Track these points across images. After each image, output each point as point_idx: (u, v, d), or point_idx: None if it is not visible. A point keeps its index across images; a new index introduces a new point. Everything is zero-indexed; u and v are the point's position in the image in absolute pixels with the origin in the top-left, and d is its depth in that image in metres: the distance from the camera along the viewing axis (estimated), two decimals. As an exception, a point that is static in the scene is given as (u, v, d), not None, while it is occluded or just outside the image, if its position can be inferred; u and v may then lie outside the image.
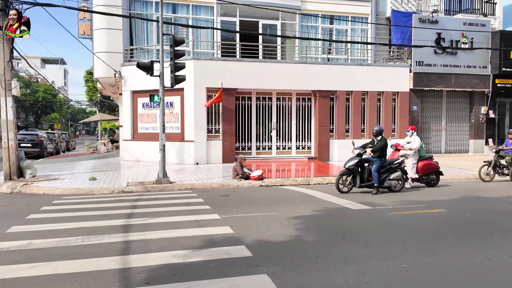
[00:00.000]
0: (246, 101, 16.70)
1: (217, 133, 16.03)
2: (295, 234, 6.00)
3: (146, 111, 16.96)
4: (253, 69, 16.06)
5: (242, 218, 7.05)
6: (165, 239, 5.76)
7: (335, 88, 16.94)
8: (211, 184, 11.15)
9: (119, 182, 11.47)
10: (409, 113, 17.97)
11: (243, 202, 8.78)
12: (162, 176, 11.24)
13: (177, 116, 16.20)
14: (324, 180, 11.85)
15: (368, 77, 17.23)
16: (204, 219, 7.04)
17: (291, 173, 13.85)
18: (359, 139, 16.74)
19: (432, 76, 18.04)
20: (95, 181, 11.60)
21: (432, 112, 18.97)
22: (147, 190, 10.66)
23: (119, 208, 8.09)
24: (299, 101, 17.29)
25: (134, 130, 17.34)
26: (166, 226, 6.46)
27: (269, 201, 8.82)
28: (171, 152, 15.96)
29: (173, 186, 10.94)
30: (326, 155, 16.88)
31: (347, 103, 17.33)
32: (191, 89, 15.53)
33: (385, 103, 17.61)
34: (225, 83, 15.60)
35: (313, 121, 17.24)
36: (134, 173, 13.26)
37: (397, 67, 17.80)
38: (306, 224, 6.60)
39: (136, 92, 17.08)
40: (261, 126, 16.93)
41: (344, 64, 17.60)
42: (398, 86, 17.69)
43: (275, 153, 17.04)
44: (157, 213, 7.53)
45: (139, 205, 8.47)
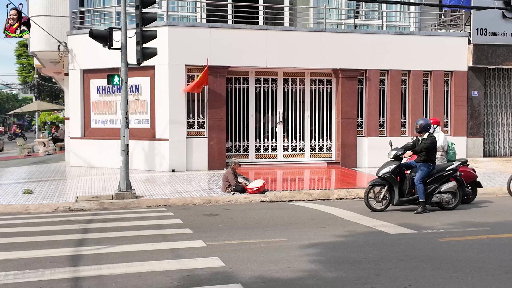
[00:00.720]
0: (241, 84, 16.70)
1: (201, 128, 16.03)
2: (310, 268, 5.98)
3: (102, 98, 16.94)
4: (252, 39, 16.04)
5: (236, 246, 7.02)
6: (129, 275, 5.72)
7: (365, 66, 16.95)
8: (192, 199, 11.14)
9: (64, 196, 11.44)
10: (468, 101, 17.98)
11: (238, 224, 8.74)
12: (124, 189, 11.22)
13: (146, 105, 16.18)
14: (349, 193, 11.86)
15: (411, 51, 17.24)
16: (183, 247, 7.01)
17: (304, 184, 13.87)
18: (399, 136, 16.75)
19: (499, 49, 18.05)
20: (31, 195, 11.55)
21: (498, 100, 18.97)
22: (103, 207, 10.64)
23: (65, 233, 8.02)
24: (314, 84, 17.29)
25: (86, 124, 17.31)
26: (130, 258, 6.43)
27: (274, 223, 8.79)
28: (138, 155, 15.94)
29: (140, 202, 10.92)
30: (352, 159, 16.89)
31: (382, 87, 17.33)
32: (165, 67, 15.52)
33: (434, 87, 17.61)
34: (212, 59, 15.59)
35: (334, 112, 17.24)
36: (86, 184, 13.23)
37: (450, 36, 17.81)
38: (326, 255, 6.58)
39: (88, 72, 17.05)
40: (262, 119, 16.92)
41: (377, 33, 17.57)
42: (452, 63, 17.69)
43: (282, 157, 17.05)
44: (117, 239, 7.48)
45: (92, 228, 8.43)
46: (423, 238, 7.65)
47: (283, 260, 6.30)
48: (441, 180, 10.03)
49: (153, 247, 7.01)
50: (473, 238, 7.62)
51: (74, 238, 7.64)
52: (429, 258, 6.43)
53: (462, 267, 6.04)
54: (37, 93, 41.43)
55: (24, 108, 39.84)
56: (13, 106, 73.76)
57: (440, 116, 17.57)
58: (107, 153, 16.34)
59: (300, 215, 9.60)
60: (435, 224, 8.65)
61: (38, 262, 6.24)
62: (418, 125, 10.11)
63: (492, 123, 18.98)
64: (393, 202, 9.89)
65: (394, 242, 7.33)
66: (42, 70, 23.62)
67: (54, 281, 5.53)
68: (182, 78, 15.62)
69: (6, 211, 10.21)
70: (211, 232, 8.02)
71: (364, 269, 5.96)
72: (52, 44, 17.23)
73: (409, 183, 9.95)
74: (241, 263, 6.15)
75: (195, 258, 6.39)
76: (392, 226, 8.46)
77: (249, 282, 5.44)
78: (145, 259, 6.35)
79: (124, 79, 11.41)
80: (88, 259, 6.41)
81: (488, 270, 5.93)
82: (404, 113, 17.54)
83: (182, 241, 7.37)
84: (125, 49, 11.37)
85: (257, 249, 6.88)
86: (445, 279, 5.60)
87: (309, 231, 8.05)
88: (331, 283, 5.45)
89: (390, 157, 10.02)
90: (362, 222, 8.76)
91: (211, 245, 7.11)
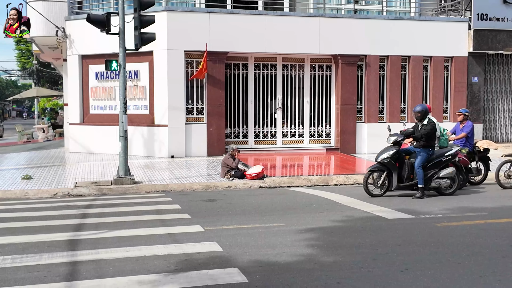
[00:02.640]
0: (240, 70, 16.64)
1: (200, 114, 16.00)
2: (307, 252, 6.01)
3: (100, 83, 16.89)
4: (251, 24, 15.96)
5: (234, 231, 7.05)
6: (126, 259, 5.75)
7: (365, 51, 16.88)
8: (191, 184, 11.16)
9: (63, 182, 11.47)
10: (467, 86, 17.93)
11: (236, 209, 8.78)
12: (123, 174, 11.24)
13: (145, 91, 16.15)
14: (348, 179, 11.88)
15: (411, 37, 17.16)
16: (181, 232, 7.05)
17: (303, 170, 13.88)
18: (398, 122, 16.71)
19: (500, 34, 17.96)
20: (30, 180, 11.57)
21: (498, 86, 18.92)
22: (102, 193, 10.67)
23: (63, 217, 8.05)
24: (314, 69, 17.23)
25: (84, 110, 17.28)
26: (128, 242, 6.46)
27: (272, 208, 8.83)
28: (137, 141, 15.94)
29: (139, 187, 10.95)
30: (351, 145, 16.89)
31: (381, 73, 17.28)
32: (164, 53, 15.46)
33: (434, 72, 17.56)
34: (211, 45, 15.52)
35: (333, 98, 17.21)
36: (85, 169, 13.25)
37: (451, 22, 17.71)
38: (323, 240, 6.61)
39: (86, 57, 16.98)
40: (261, 105, 16.89)
41: (377, 18, 17.47)
42: (453, 49, 17.62)
43: (281, 143, 17.04)
44: (116, 224, 7.52)
45: (91, 214, 8.46)
46: (421, 223, 7.69)
47: (281, 245, 6.33)
48: (440, 165, 10.04)
49: (151, 231, 7.05)
50: (470, 223, 7.65)
51: (72, 223, 7.67)
52: (427, 243, 6.46)
53: (459, 252, 6.06)
54: (36, 79, 41.31)
55: (23, 94, 39.71)
56: (12, 93, 73.58)
57: (440, 102, 17.54)
58: (106, 139, 16.32)
59: (298, 201, 9.63)
60: (433, 209, 8.68)
61: (36, 247, 6.27)
62: (415, 112, 10.10)
63: (492, 109, 18.94)
64: (391, 187, 9.91)
65: (392, 227, 7.36)
66: (41, 56, 23.53)
67: (51, 265, 5.56)
68: (181, 63, 15.55)
69: (5, 197, 10.24)
70: (209, 217, 8.05)
71: (361, 253, 5.98)
72: (50, 30, 17.15)
73: (408, 169, 9.96)
74: (239, 248, 6.18)
75: (193, 243, 6.42)
76: (390, 211, 8.49)
77: (246, 266, 5.47)
78: (143, 244, 6.38)
79: (122, 65, 11.36)
80: (86, 244, 6.44)
81: (485, 255, 5.96)
82: (404, 99, 17.49)
83: (180, 226, 7.40)
84: (123, 34, 11.31)
85: (254, 234, 6.91)
86: (442, 263, 5.62)
87: (307, 216, 8.08)
88: (328, 267, 5.47)
89: (389, 143, 10.01)
90: (360, 208, 8.78)
91: (209, 230, 7.14)
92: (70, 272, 5.33)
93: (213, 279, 5.07)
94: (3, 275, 5.26)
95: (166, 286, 4.89)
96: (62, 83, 29.14)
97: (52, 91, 39.08)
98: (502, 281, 5.07)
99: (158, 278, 5.12)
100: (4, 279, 5.13)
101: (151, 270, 5.36)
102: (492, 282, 5.04)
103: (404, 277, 5.17)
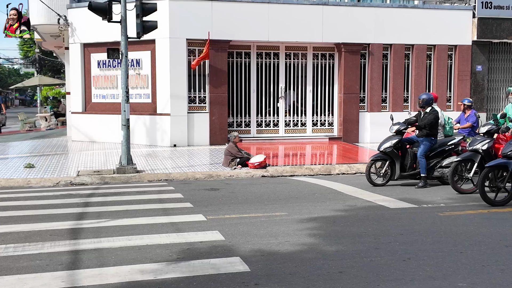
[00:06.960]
0: (242, 59, 16.58)
1: (202, 103, 15.97)
2: (309, 242, 6.01)
3: (103, 72, 16.85)
4: (253, 12, 15.87)
5: (236, 220, 7.06)
6: (128, 248, 5.77)
7: (368, 40, 16.78)
8: (193, 173, 11.17)
9: (66, 170, 11.49)
10: (471, 75, 17.84)
11: (239, 198, 8.78)
12: (125, 163, 11.24)
13: (147, 80, 16.11)
14: (351, 168, 11.87)
15: (415, 25, 17.04)
16: (183, 221, 7.05)
17: (306, 159, 13.88)
18: (401, 111, 16.67)
19: (504, 23, 17.82)
20: (32, 169, 11.59)
21: (502, 74, 18.83)
22: (105, 181, 10.68)
23: (65, 206, 8.07)
24: (317, 58, 17.15)
25: (87, 99, 17.26)
26: (131, 231, 6.47)
27: (275, 197, 8.83)
28: (139, 129, 15.93)
29: (141, 176, 10.96)
30: (354, 134, 16.86)
31: (385, 62, 17.19)
32: (166, 41, 15.39)
33: (438, 61, 17.47)
34: (213, 33, 15.45)
35: (336, 87, 17.15)
36: (87, 158, 13.26)
37: (455, 10, 17.58)
38: (326, 229, 6.61)
39: (88, 46, 16.92)
40: (264, 94, 16.84)
41: (380, 6, 17.35)
42: (456, 37, 17.51)
43: (283, 132, 17.01)
44: (118, 213, 7.53)
45: (93, 202, 8.48)
46: (424, 212, 7.68)
47: (283, 234, 6.33)
48: (443, 154, 10.01)
49: (153, 220, 7.06)
50: (473, 212, 7.64)
51: (74, 212, 7.69)
52: (429, 232, 6.45)
53: (462, 241, 6.06)
54: (38, 68, 41.24)
55: (25, 82, 39.66)
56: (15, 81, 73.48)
57: (443, 90, 17.47)
58: (108, 127, 16.32)
59: (301, 190, 9.62)
60: (435, 198, 8.67)
61: (38, 235, 6.29)
62: (421, 99, 10.08)
63: (495, 98, 18.86)
64: (394, 176, 9.90)
65: (394, 216, 7.35)
66: (43, 44, 23.49)
67: (53, 254, 5.57)
68: (183, 52, 15.50)
69: (8, 185, 10.26)
70: (212, 206, 8.05)
71: (363, 243, 5.98)
72: (52, 18, 17.09)
73: (411, 158, 9.95)
74: (241, 237, 6.18)
75: (195, 232, 6.43)
76: (392, 200, 8.49)
77: (248, 255, 5.47)
78: (145, 233, 6.39)
79: (124, 53, 11.32)
80: (88, 233, 6.45)
81: (488, 244, 5.95)
82: (407, 88, 17.42)
83: (182, 215, 7.40)
84: (125, 22, 11.26)
85: (257, 223, 6.91)
86: (445, 252, 5.61)
87: (309, 205, 8.08)
88: (331, 256, 5.47)
89: (392, 132, 10.01)
90: (362, 197, 8.78)
91: (211, 219, 7.15)
92: (72, 261, 5.34)
93: (215, 268, 5.07)
94: (6, 263, 5.27)
95: (168, 275, 4.89)
96: (64, 71, 29.10)
97: (54, 79, 39.03)
98: (505, 271, 5.06)
99: (160, 267, 5.12)
100: (6, 268, 5.14)
101: (153, 259, 5.37)
102: (494, 272, 5.03)
103: (406, 266, 5.17)
